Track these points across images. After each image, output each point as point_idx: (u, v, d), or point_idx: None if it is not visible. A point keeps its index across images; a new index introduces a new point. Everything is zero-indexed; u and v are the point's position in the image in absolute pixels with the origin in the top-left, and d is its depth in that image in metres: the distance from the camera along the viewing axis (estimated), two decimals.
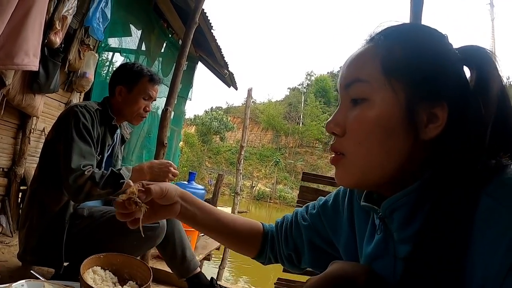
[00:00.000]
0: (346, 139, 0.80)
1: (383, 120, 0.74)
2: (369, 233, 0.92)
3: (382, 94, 0.75)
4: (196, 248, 3.59)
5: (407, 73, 0.74)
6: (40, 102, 3.52)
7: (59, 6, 3.27)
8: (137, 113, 2.28)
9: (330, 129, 0.83)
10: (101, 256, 1.76)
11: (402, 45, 0.77)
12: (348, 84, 0.81)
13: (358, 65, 0.80)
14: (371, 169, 0.78)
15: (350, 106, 0.81)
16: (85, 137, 2.01)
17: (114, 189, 1.99)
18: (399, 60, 0.75)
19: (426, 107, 0.73)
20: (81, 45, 4.05)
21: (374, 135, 0.75)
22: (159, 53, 6.40)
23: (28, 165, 3.70)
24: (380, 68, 0.76)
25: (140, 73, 2.28)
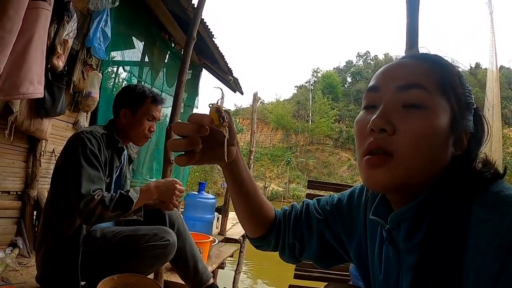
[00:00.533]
0: (399, 138, 0.79)
1: (438, 128, 0.78)
2: (378, 244, 0.96)
3: (439, 105, 0.79)
4: (209, 257, 3.62)
5: (456, 95, 0.82)
6: (48, 125, 3.58)
7: (60, 30, 3.32)
8: (142, 134, 2.33)
9: (381, 125, 0.80)
10: (115, 277, 1.82)
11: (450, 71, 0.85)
12: (405, 86, 0.81)
13: (418, 73, 0.82)
14: (417, 174, 0.79)
15: (401, 108, 0.81)
16: (93, 162, 2.06)
17: (124, 211, 2.05)
18: (454, 85, 0.82)
19: (459, 130, 0.81)
20: (84, 65, 4.10)
21: (429, 141, 0.78)
22: (162, 64, 6.43)
23: (41, 186, 3.76)
24: (437, 82, 0.81)
25: (143, 94, 2.33)
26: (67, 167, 2.09)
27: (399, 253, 0.85)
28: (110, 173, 2.27)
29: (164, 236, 2.13)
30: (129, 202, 2.05)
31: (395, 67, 0.87)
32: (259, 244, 1.20)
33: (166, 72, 6.55)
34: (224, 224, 5.40)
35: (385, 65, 0.90)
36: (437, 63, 0.84)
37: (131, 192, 2.08)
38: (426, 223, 0.79)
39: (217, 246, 4.04)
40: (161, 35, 6.16)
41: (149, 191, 2.19)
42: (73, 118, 4.32)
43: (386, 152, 0.79)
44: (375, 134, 0.81)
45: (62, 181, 2.12)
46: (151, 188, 2.20)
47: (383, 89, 0.84)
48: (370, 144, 0.81)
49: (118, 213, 2.04)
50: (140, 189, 2.16)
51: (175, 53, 6.57)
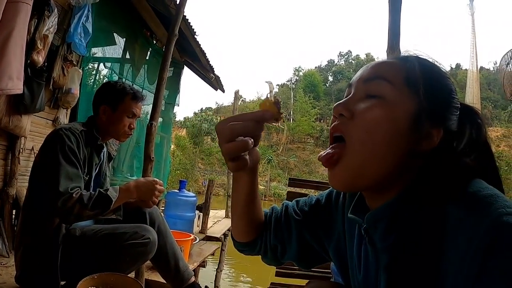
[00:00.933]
0: (353, 123, 0.82)
1: (394, 117, 0.79)
2: (357, 243, 0.96)
3: (400, 97, 0.80)
4: (191, 255, 3.61)
5: (426, 91, 0.82)
6: (27, 122, 3.53)
7: (40, 25, 3.27)
8: (123, 131, 2.30)
9: (339, 110, 0.84)
10: (95, 276, 1.80)
11: (428, 69, 0.86)
12: (370, 78, 0.85)
13: (385, 68, 0.86)
14: (370, 161, 0.80)
15: (364, 98, 0.84)
16: (71, 160, 2.03)
17: (103, 210, 2.03)
18: (423, 78, 0.83)
19: (427, 124, 0.80)
20: (64, 61, 4.05)
21: (382, 127, 0.79)
22: (144, 61, 6.38)
23: (20, 184, 3.69)
24: (404, 77, 0.82)
25: (123, 91, 2.30)
26: (45, 164, 2.06)
27: (377, 252, 0.86)
28: (89, 171, 2.24)
29: (144, 234, 2.11)
30: (107, 201, 2.03)
31: (373, 63, 0.90)
32: (244, 249, 1.20)
33: (147, 69, 6.50)
34: (205, 222, 5.40)
35: None
36: (409, 60, 0.86)
37: (110, 191, 2.06)
38: (400, 223, 0.79)
39: (198, 245, 4.03)
40: (143, 32, 6.11)
41: (129, 190, 2.16)
42: (53, 115, 4.26)
43: (341, 135, 0.83)
44: (336, 119, 0.86)
45: (40, 179, 2.08)
46: (131, 188, 2.18)
47: (354, 83, 0.89)
48: (332, 128, 0.86)
49: (96, 212, 2.01)
50: (119, 188, 2.13)
51: (156, 50, 6.52)
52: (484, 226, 0.64)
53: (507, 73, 5.62)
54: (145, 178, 2.33)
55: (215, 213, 7.98)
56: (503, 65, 5.71)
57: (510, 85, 5.56)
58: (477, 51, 12.06)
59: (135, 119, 2.36)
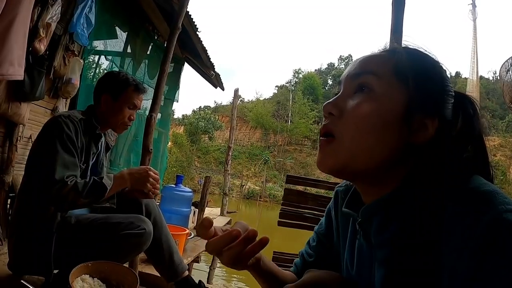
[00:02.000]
0: (341, 120, 0.82)
1: (383, 111, 0.79)
2: (350, 239, 0.95)
3: (388, 90, 0.80)
4: (185, 250, 3.61)
5: (416, 81, 0.81)
6: (26, 110, 3.52)
7: (43, 13, 3.27)
8: (122, 122, 2.30)
9: (328, 109, 0.85)
10: (89, 264, 1.79)
11: (417, 58, 0.85)
12: (358, 73, 0.85)
13: (372, 62, 0.85)
14: (360, 154, 0.79)
15: (353, 94, 0.84)
16: (69, 148, 2.02)
17: (97, 198, 2.02)
18: (412, 69, 0.82)
19: (421, 115, 0.79)
20: (65, 51, 4.05)
21: (371, 121, 0.78)
22: (145, 55, 6.39)
23: (16, 172, 3.68)
24: (392, 68, 0.82)
25: (126, 82, 2.29)
26: (42, 151, 2.04)
27: (371, 246, 0.85)
28: (87, 160, 2.23)
29: (140, 224, 2.10)
30: (102, 189, 2.02)
31: (361, 58, 0.89)
32: None
33: (148, 63, 6.51)
34: (200, 218, 5.38)
35: None
36: (397, 52, 0.86)
37: (105, 179, 2.04)
38: (397, 217, 0.79)
39: (192, 240, 4.02)
40: (145, 26, 6.11)
41: (123, 178, 2.15)
42: (52, 104, 4.26)
43: (331, 134, 0.83)
44: (325, 119, 0.86)
45: (36, 166, 2.07)
46: (125, 175, 2.17)
47: (343, 80, 0.89)
48: (322, 128, 0.86)
49: (91, 199, 2.00)
50: (113, 176, 2.12)
51: (158, 45, 6.53)
52: (483, 223, 0.63)
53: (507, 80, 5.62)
54: (139, 167, 2.31)
55: (211, 211, 7.98)
56: (503, 72, 5.71)
57: (510, 92, 5.56)
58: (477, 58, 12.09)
59: (135, 110, 2.35)
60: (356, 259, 0.91)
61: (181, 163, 36.71)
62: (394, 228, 0.79)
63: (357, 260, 0.91)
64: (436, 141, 0.80)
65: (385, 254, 0.80)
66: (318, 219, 2.65)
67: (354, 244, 0.93)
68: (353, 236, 0.94)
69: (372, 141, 0.78)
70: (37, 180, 2.03)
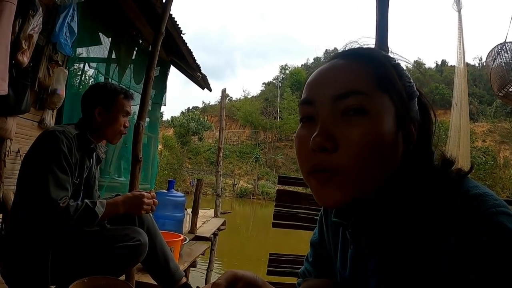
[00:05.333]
0: (339, 154, 0.72)
1: (382, 131, 0.72)
2: (341, 248, 0.93)
3: (379, 107, 0.74)
4: (181, 256, 3.59)
5: (398, 91, 0.77)
6: (13, 124, 3.47)
7: (24, 25, 3.23)
8: (118, 131, 2.30)
9: (321, 144, 0.72)
10: (85, 280, 1.77)
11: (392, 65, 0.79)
12: (342, 95, 0.74)
13: (354, 77, 0.75)
14: (369, 181, 0.73)
15: (340, 118, 0.74)
16: (63, 166, 1.99)
17: (88, 224, 2.01)
18: (392, 79, 0.77)
19: (407, 124, 0.77)
20: (49, 61, 4.00)
21: (374, 147, 0.71)
22: (130, 60, 6.36)
23: (6, 187, 3.62)
24: (374, 81, 0.75)
25: (115, 91, 2.29)
26: (36, 168, 2.00)
27: (364, 255, 0.83)
28: (80, 174, 2.20)
29: (134, 236, 2.09)
30: (93, 216, 2.00)
31: (326, 73, 0.80)
32: None
33: (133, 69, 6.47)
34: (195, 222, 5.37)
35: (315, 71, 0.83)
36: (370, 59, 0.78)
37: (98, 206, 2.03)
38: (389, 226, 0.75)
39: (188, 245, 4.01)
40: (129, 31, 6.07)
41: (116, 205, 2.15)
42: (39, 116, 4.21)
43: (332, 171, 0.73)
44: (317, 154, 0.74)
45: (29, 183, 2.03)
46: (119, 203, 2.16)
47: (318, 101, 0.77)
48: (314, 166, 0.75)
49: (81, 224, 2.00)
50: (106, 203, 2.11)
51: (142, 49, 6.50)
52: (475, 227, 0.63)
53: (494, 68, 5.66)
54: (133, 193, 2.29)
55: (204, 213, 7.95)
56: (490, 61, 5.74)
57: (497, 80, 5.59)
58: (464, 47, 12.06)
59: (128, 117, 2.35)
60: (349, 267, 0.89)
61: (172, 165, 36.64)
62: (386, 236, 0.76)
63: (350, 268, 0.88)
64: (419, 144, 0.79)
65: (378, 263, 0.78)
66: (313, 218, 2.66)
67: (346, 252, 0.90)
68: (344, 245, 0.92)
69: (379, 166, 0.73)
70: (29, 198, 2.00)
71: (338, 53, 0.83)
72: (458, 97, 8.45)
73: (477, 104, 54.06)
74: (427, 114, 0.83)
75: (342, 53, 0.82)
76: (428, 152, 0.79)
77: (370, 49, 0.84)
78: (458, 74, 11.04)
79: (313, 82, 0.80)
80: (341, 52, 0.83)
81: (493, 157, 35.78)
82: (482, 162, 33.34)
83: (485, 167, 32.86)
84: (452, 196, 0.69)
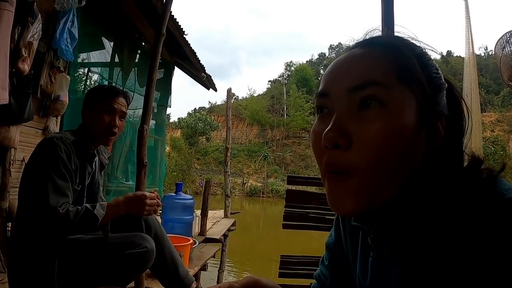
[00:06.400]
0: (353, 152, 0.65)
1: (406, 127, 0.66)
2: (361, 254, 0.86)
3: (401, 99, 0.67)
4: (191, 260, 3.56)
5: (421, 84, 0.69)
6: (16, 133, 3.45)
7: (24, 32, 3.20)
8: (105, 129, 2.20)
9: (333, 140, 0.66)
10: None
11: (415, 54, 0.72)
12: (358, 86, 0.67)
13: (372, 66, 0.69)
14: (385, 184, 0.67)
15: (357, 112, 0.67)
16: (62, 172, 1.96)
17: (89, 228, 1.98)
18: (414, 70, 0.70)
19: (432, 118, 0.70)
20: (51, 68, 3.98)
21: (393, 144, 0.65)
22: (133, 63, 6.33)
23: (12, 197, 3.58)
24: (394, 72, 0.68)
25: (99, 90, 2.28)
26: (35, 176, 1.99)
27: (386, 262, 0.75)
28: (82, 181, 2.16)
29: (141, 243, 2.04)
30: (94, 220, 1.97)
31: (342, 63, 0.73)
32: None
33: (137, 72, 6.43)
34: (204, 224, 5.33)
35: (333, 61, 0.76)
36: (390, 48, 0.71)
37: (97, 209, 1.99)
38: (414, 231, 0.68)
39: (198, 248, 3.97)
40: (131, 34, 6.03)
41: (118, 206, 2.12)
42: (43, 123, 4.19)
43: (345, 172, 0.66)
44: (331, 151, 0.67)
45: (29, 192, 2.01)
46: (120, 203, 2.13)
47: (333, 93, 0.71)
48: (327, 164, 0.69)
49: (83, 228, 1.97)
50: (107, 205, 2.08)
51: (145, 52, 6.46)
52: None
53: (504, 57, 5.55)
54: (134, 193, 2.24)
55: (214, 214, 7.93)
56: (499, 50, 5.63)
57: (507, 69, 5.49)
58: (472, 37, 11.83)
59: (118, 115, 2.24)
60: (370, 275, 0.81)
61: (180, 166, 36.79)
62: (411, 243, 0.69)
63: (370, 275, 0.81)
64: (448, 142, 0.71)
65: (402, 270, 0.71)
66: (324, 218, 2.61)
67: (366, 258, 0.82)
68: (365, 250, 0.84)
69: (397, 166, 0.66)
70: (29, 206, 1.98)
71: (356, 42, 0.76)
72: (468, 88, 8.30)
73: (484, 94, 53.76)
74: (458, 108, 0.75)
75: (361, 42, 0.76)
76: (457, 150, 0.72)
77: (390, 37, 0.77)
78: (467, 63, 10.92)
79: (329, 73, 0.74)
80: (359, 41, 0.76)
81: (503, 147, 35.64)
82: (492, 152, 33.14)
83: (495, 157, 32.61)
84: (484, 201, 0.61)
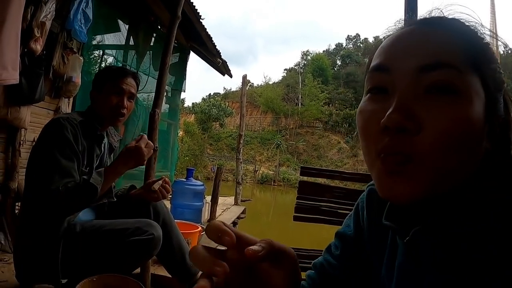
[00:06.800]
0: (425, 138, 0.57)
1: (476, 119, 0.58)
2: (389, 253, 0.77)
3: (472, 88, 0.59)
4: None
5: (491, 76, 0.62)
6: (27, 113, 3.43)
7: (37, 12, 3.17)
8: (112, 110, 2.17)
9: (400, 122, 0.57)
10: (94, 278, 1.72)
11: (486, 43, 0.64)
12: (430, 66, 0.59)
13: (442, 47, 0.60)
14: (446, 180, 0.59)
15: (424, 95, 0.59)
16: (67, 153, 1.93)
17: (91, 198, 1.92)
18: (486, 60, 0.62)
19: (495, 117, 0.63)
20: (64, 49, 3.96)
21: (463, 134, 0.57)
22: (148, 47, 6.29)
23: (21, 177, 3.58)
24: (466, 57, 0.60)
25: (107, 70, 2.25)
26: (40, 157, 1.97)
27: (420, 266, 0.67)
28: (90, 163, 2.13)
29: (147, 230, 2.00)
30: (92, 190, 1.91)
31: (409, 37, 0.64)
32: None
33: (152, 55, 6.40)
34: (214, 210, 5.30)
35: (391, 35, 0.67)
36: (464, 31, 0.63)
37: (94, 177, 1.93)
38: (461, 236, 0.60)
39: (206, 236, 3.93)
40: (147, 17, 5.98)
41: (116, 167, 2.07)
42: (54, 104, 4.18)
43: (408, 156, 0.58)
44: (392, 133, 0.59)
45: (34, 173, 1.99)
46: (117, 163, 2.08)
47: (397, 69, 0.62)
48: (387, 147, 0.60)
49: (85, 201, 1.94)
50: (105, 169, 2.02)
51: (161, 36, 6.41)
52: None
53: None
54: (126, 146, 2.13)
55: (224, 200, 7.90)
56: None
57: None
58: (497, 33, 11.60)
59: (126, 96, 2.20)
60: (396, 278, 0.72)
61: (193, 151, 36.90)
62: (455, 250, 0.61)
63: (397, 279, 0.72)
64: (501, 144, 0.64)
65: (438, 279, 0.62)
66: (336, 212, 2.54)
67: (393, 260, 0.74)
68: (392, 251, 0.76)
69: (463, 159, 0.59)
70: (34, 186, 1.96)
71: (421, 19, 0.67)
72: None
73: None
74: (508, 111, 0.66)
75: (428, 19, 0.66)
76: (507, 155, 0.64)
77: (459, 20, 0.66)
78: None
79: (390, 46, 0.65)
80: (425, 18, 0.67)
81: None
82: None
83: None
84: None
